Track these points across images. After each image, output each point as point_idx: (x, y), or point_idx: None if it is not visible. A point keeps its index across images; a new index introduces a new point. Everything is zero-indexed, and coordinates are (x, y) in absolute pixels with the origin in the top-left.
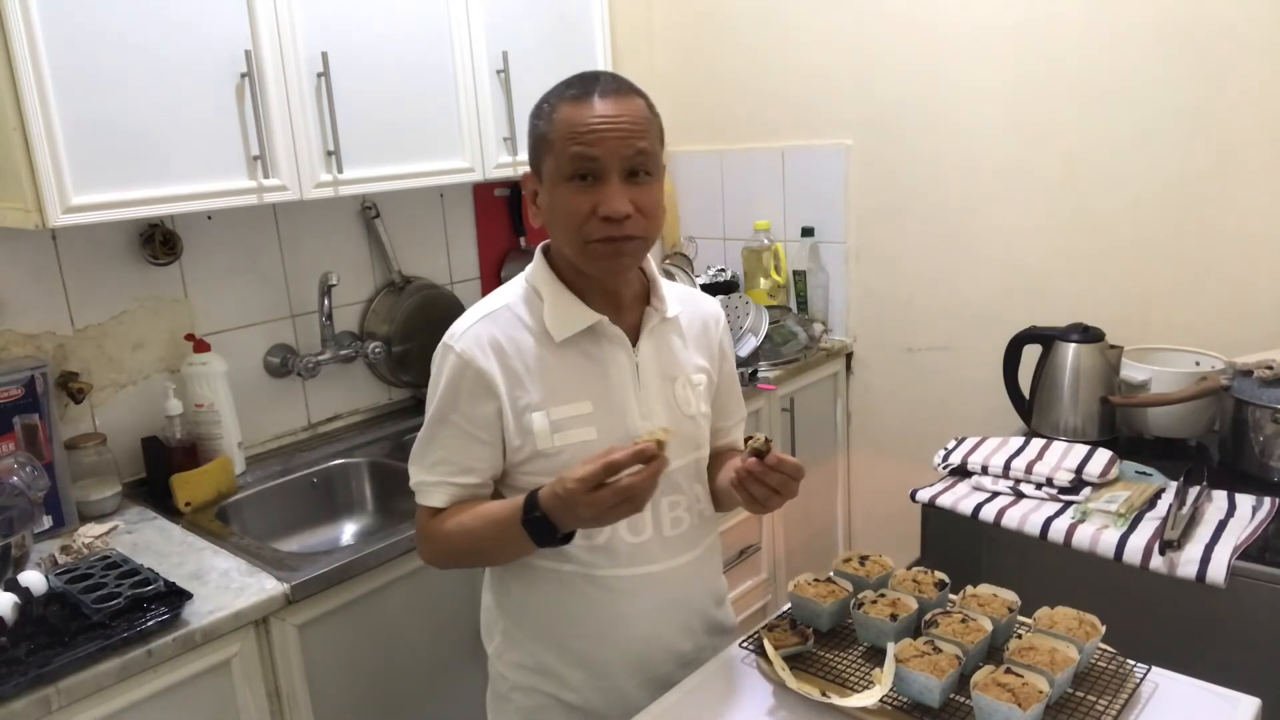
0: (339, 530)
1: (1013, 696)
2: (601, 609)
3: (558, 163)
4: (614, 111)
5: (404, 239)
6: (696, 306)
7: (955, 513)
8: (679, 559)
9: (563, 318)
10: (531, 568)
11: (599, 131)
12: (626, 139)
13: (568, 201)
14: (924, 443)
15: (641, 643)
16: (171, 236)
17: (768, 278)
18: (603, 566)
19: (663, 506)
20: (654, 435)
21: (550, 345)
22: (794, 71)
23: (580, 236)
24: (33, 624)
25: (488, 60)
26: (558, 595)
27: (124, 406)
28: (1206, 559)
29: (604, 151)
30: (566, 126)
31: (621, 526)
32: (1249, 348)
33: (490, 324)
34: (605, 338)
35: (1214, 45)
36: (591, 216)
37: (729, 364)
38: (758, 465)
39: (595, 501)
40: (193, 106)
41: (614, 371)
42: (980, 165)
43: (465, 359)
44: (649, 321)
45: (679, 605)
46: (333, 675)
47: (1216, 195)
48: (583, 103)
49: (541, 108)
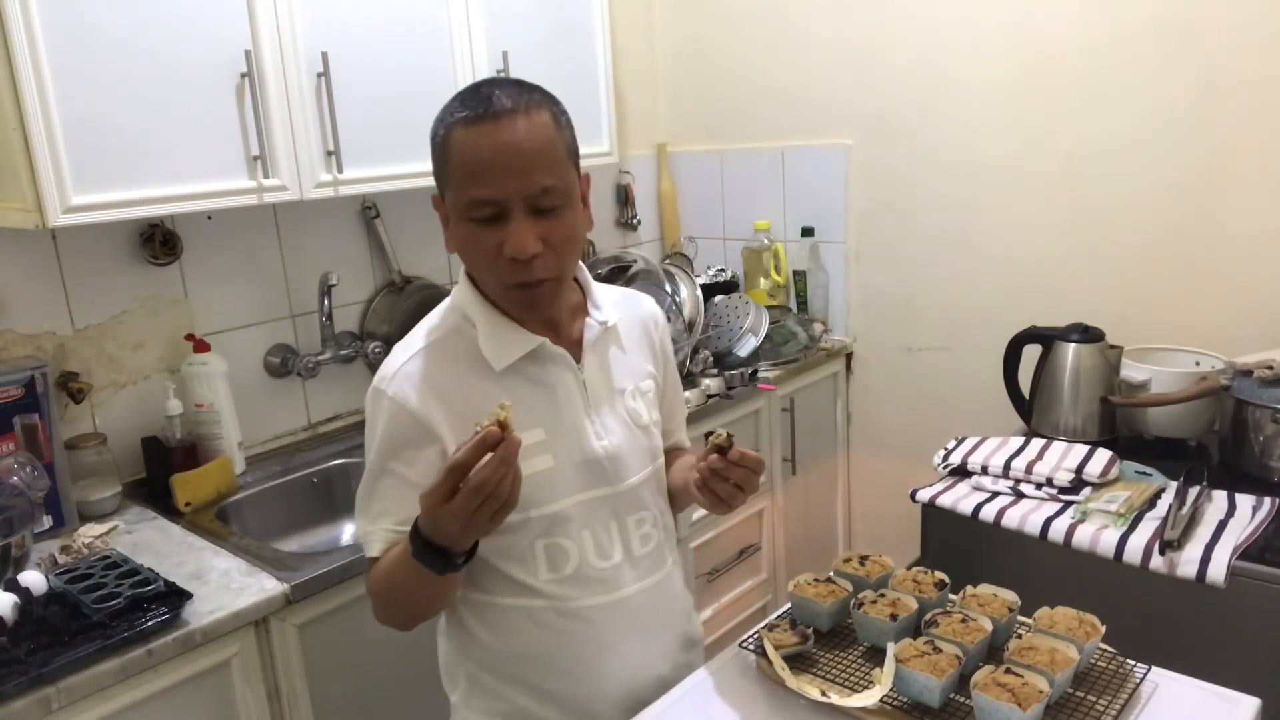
0: (339, 530)
1: (1013, 696)
2: (580, 643)
3: (456, 200)
4: (511, 138)
5: (404, 239)
6: (634, 308)
7: (955, 513)
8: (652, 577)
9: (500, 345)
10: (497, 607)
11: (497, 168)
12: (529, 174)
13: (474, 240)
14: (924, 443)
15: (625, 671)
16: (171, 236)
17: (768, 278)
18: (575, 598)
19: (630, 525)
20: (493, 416)
21: (490, 375)
22: (794, 71)
23: (494, 277)
24: (33, 624)
25: (488, 60)
26: (529, 633)
27: (124, 406)
28: (1206, 559)
29: (503, 191)
30: (461, 161)
31: (589, 552)
32: (1249, 348)
33: (422, 360)
34: (549, 360)
35: (1214, 45)
36: (499, 256)
37: (671, 364)
38: (721, 461)
39: (453, 512)
40: (193, 106)
41: (562, 394)
42: (980, 165)
43: (399, 403)
44: (590, 335)
45: (657, 626)
46: (333, 675)
47: (1216, 195)
48: (475, 127)
49: (437, 131)
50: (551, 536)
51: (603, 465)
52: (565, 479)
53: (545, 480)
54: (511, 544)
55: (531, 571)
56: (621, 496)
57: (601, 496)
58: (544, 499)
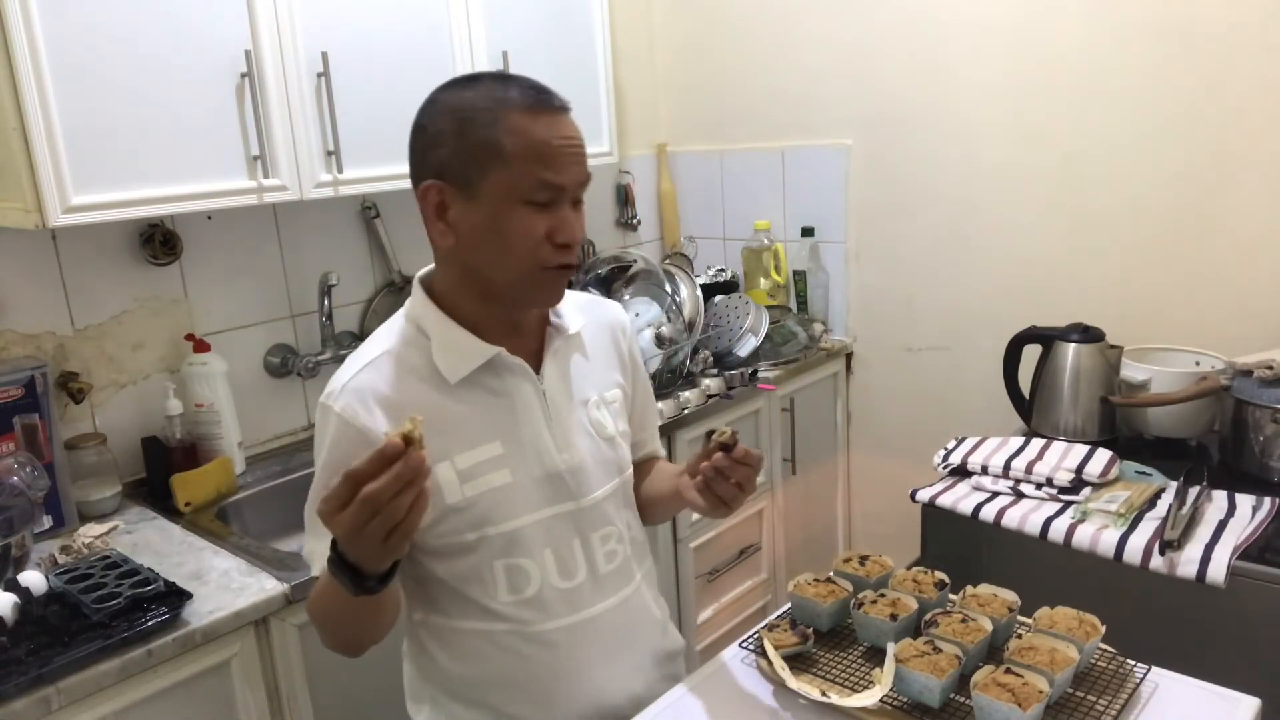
0: None
1: (1013, 696)
2: (544, 668)
3: (513, 181)
4: (574, 132)
5: (404, 239)
6: (599, 315)
7: (955, 513)
8: (617, 595)
9: (454, 356)
10: (457, 630)
11: (565, 156)
12: (583, 164)
13: (522, 224)
14: (924, 443)
15: (594, 694)
16: (171, 236)
17: (768, 278)
18: (538, 621)
19: (594, 542)
20: (400, 429)
21: (444, 388)
22: (794, 71)
23: (533, 261)
24: (33, 624)
25: (488, 60)
26: (491, 659)
27: (124, 406)
28: (1206, 559)
29: (568, 179)
30: (530, 143)
31: (551, 572)
32: (1249, 348)
33: (372, 374)
34: (505, 370)
35: (1213, 45)
36: (545, 241)
37: (641, 373)
38: (725, 459)
39: (344, 524)
40: (193, 106)
41: (521, 405)
42: (980, 165)
43: (345, 419)
44: (551, 343)
45: (625, 646)
46: (333, 675)
47: (1216, 195)
48: (542, 118)
49: (475, 113)
50: (511, 556)
51: (564, 480)
52: (524, 495)
53: (503, 497)
54: (470, 565)
55: (491, 594)
56: (585, 512)
57: (564, 513)
58: (501, 516)
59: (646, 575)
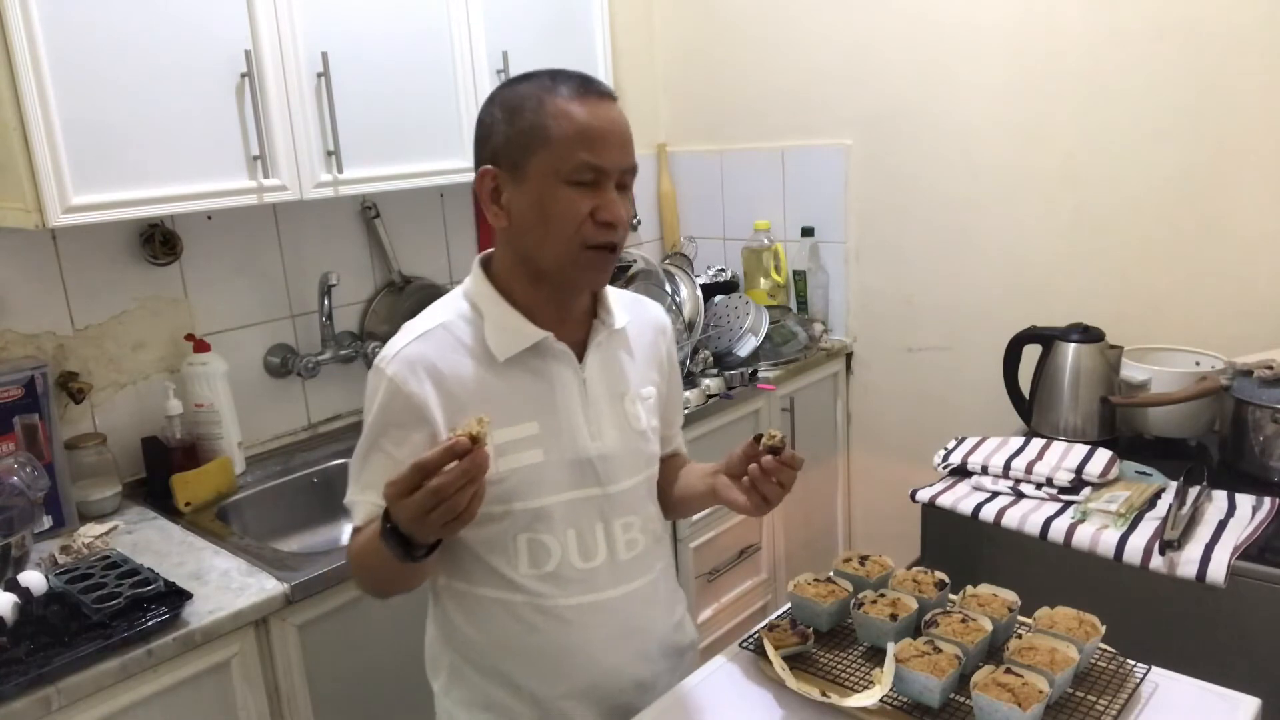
0: (339, 530)
1: (1013, 696)
2: (551, 641)
3: (556, 162)
4: (618, 117)
5: (404, 239)
6: (643, 315)
7: (955, 513)
8: (633, 584)
9: (505, 335)
10: (478, 598)
11: (609, 139)
12: (627, 152)
13: (565, 203)
14: (924, 443)
15: (597, 674)
16: (171, 236)
17: (768, 278)
18: (554, 596)
19: (616, 529)
20: (468, 427)
21: (492, 365)
22: (794, 71)
23: (578, 239)
24: (33, 624)
25: (488, 60)
26: (506, 627)
27: (124, 406)
28: (1206, 559)
29: (610, 161)
30: (571, 127)
31: (572, 551)
32: (1249, 348)
33: (424, 344)
34: (550, 355)
35: (1214, 45)
36: (589, 220)
37: (676, 374)
38: (774, 463)
39: (410, 508)
40: (193, 106)
41: (560, 390)
42: (980, 165)
43: (396, 383)
44: (596, 335)
45: (635, 633)
46: (333, 675)
47: (1216, 195)
48: (586, 103)
49: (523, 101)
50: (534, 532)
51: (594, 466)
52: (553, 476)
53: (533, 475)
54: (495, 534)
55: (512, 564)
56: (610, 499)
57: (589, 497)
58: (529, 493)
59: (665, 569)
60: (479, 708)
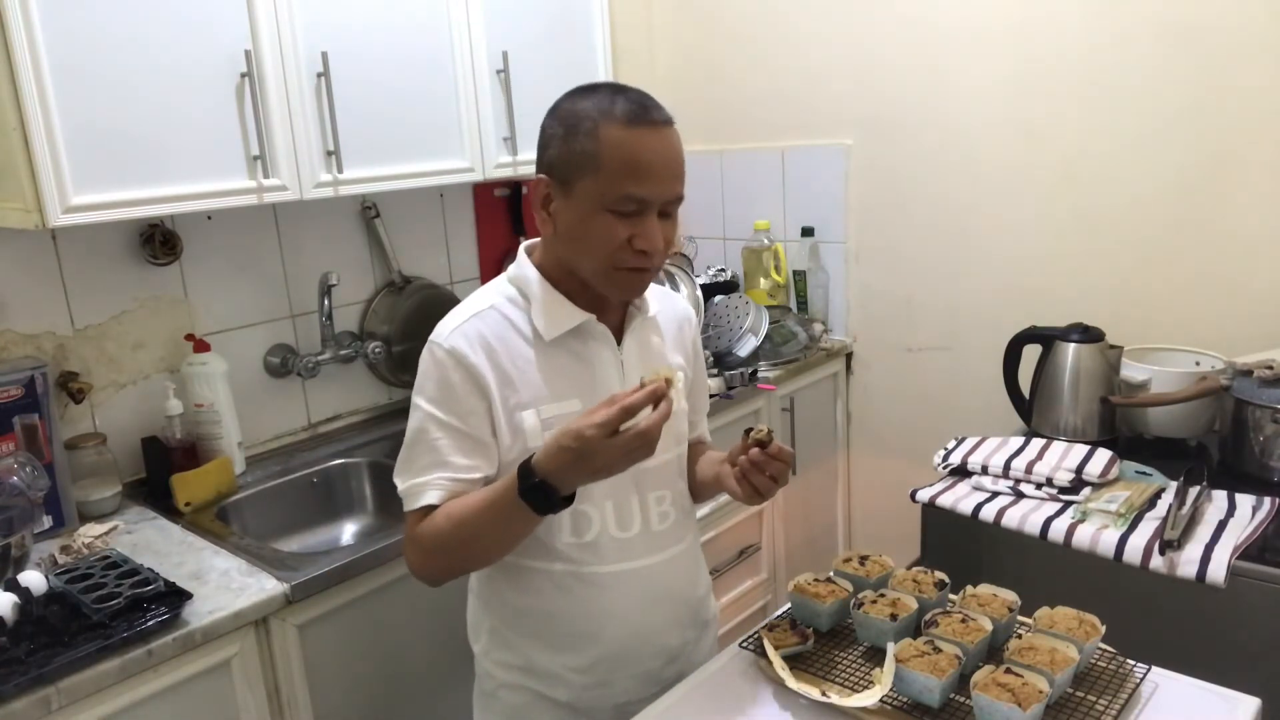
0: (339, 530)
1: (1013, 696)
2: (589, 605)
3: (601, 190)
4: (672, 148)
5: (404, 239)
6: (672, 306)
7: (955, 513)
8: (665, 553)
9: (552, 317)
10: (521, 569)
11: (656, 172)
12: (675, 183)
13: (605, 229)
14: (924, 443)
15: (630, 638)
16: (171, 236)
17: (768, 278)
18: (590, 563)
19: (650, 501)
20: (659, 376)
21: (538, 345)
22: (794, 71)
23: (610, 262)
24: (33, 624)
25: (488, 60)
26: (548, 594)
27: (124, 406)
28: (1206, 559)
29: (655, 194)
30: (622, 158)
31: (610, 521)
32: (1249, 348)
33: (479, 323)
34: (591, 336)
35: (1214, 45)
36: (625, 246)
37: (701, 362)
38: (761, 455)
39: (612, 447)
40: (193, 106)
41: (600, 369)
42: (980, 165)
43: (456, 355)
44: (632, 320)
45: (666, 599)
46: (333, 675)
47: (1216, 195)
48: (639, 130)
49: (580, 121)
50: (578, 502)
51: None
52: None
53: None
54: None
55: (555, 534)
56: (645, 473)
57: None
58: None
59: (694, 542)
60: (517, 669)
